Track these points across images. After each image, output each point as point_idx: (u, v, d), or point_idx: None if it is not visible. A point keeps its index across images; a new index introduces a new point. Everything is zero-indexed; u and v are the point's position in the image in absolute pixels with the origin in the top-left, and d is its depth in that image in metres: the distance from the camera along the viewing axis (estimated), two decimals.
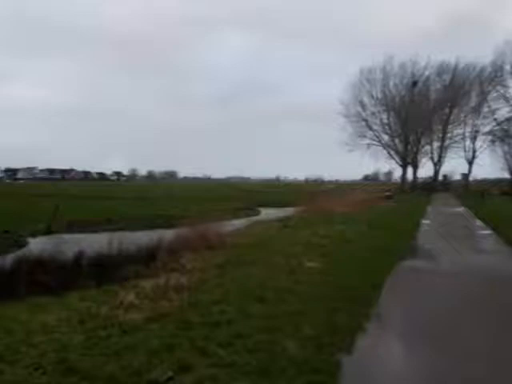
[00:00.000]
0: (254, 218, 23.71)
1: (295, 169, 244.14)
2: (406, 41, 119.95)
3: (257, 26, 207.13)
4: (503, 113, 56.44)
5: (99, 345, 4.61)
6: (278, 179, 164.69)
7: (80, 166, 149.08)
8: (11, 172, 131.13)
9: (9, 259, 9.27)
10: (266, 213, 28.64)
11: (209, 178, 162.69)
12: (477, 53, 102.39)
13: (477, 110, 59.66)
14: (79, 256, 9.15)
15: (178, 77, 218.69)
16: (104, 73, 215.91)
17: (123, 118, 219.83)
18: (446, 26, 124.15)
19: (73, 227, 20.01)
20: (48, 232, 18.47)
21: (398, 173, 75.91)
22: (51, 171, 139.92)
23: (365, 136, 63.81)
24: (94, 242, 11.17)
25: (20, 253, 11.49)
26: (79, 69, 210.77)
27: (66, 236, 16.68)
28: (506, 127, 56.58)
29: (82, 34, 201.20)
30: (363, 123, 63.68)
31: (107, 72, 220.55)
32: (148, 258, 9.50)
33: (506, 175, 62.40)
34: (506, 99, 54.38)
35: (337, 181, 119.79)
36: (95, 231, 19.33)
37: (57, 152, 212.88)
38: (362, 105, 63.43)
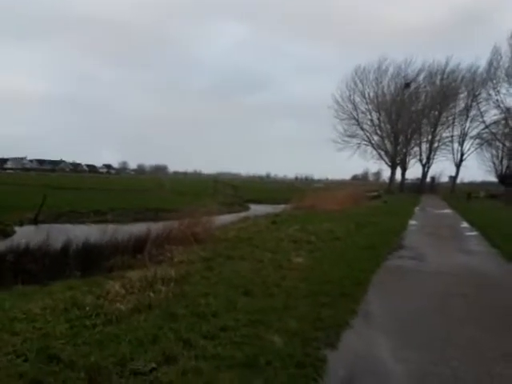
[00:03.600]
0: (244, 214, 23.72)
1: (285, 166, 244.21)
2: (402, 40, 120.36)
3: (249, 19, 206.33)
4: (491, 115, 57.03)
5: (83, 334, 4.57)
6: (268, 176, 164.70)
7: (70, 158, 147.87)
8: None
9: None
10: (256, 209, 28.65)
11: (199, 173, 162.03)
12: (473, 54, 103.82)
13: (465, 113, 60.25)
14: (66, 246, 9.05)
15: (170, 70, 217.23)
16: (94, 64, 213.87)
17: (114, 110, 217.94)
18: (444, 27, 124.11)
19: (61, 217, 19.87)
20: (35, 221, 18.32)
21: (386, 173, 76.63)
22: (41, 162, 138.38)
23: (355, 135, 64.22)
24: (82, 233, 11.10)
25: (6, 241, 11.37)
26: (69, 59, 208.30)
27: (54, 226, 16.54)
28: (494, 130, 57.09)
29: (72, 23, 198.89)
30: (354, 122, 64.05)
31: (97, 63, 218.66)
32: (136, 249, 9.44)
33: (493, 178, 63.25)
34: (496, 102, 54.83)
35: (326, 179, 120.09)
36: (83, 222, 19.23)
37: (47, 143, 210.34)
38: (354, 104, 63.75)
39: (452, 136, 62.54)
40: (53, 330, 4.61)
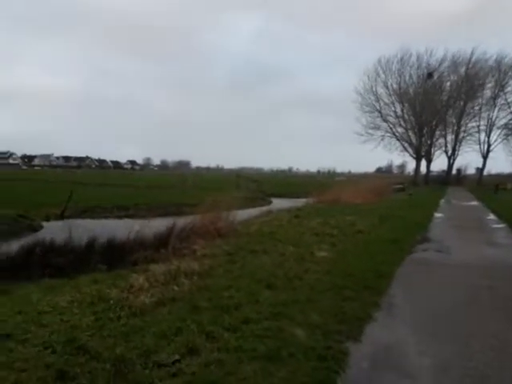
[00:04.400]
0: (266, 208, 23.70)
1: (308, 160, 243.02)
2: (425, 30, 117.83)
3: (270, 11, 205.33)
4: None
5: (108, 326, 4.66)
6: (290, 170, 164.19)
7: (95, 155, 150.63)
8: (27, 159, 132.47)
9: (23, 242, 9.38)
10: (278, 203, 28.59)
11: (221, 168, 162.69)
12: (499, 42, 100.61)
13: (492, 103, 58.66)
14: (91, 240, 9.22)
15: (193, 66, 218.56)
16: (118, 62, 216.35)
17: (138, 106, 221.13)
18: (470, 13, 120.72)
19: (86, 213, 20.22)
20: (62, 217, 18.68)
21: (411, 165, 75.47)
22: (67, 159, 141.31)
23: (379, 128, 63.24)
24: (106, 228, 11.27)
25: (34, 236, 11.63)
26: (95, 57, 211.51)
27: (79, 221, 16.86)
28: None
29: (94, 20, 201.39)
30: (377, 114, 63.06)
31: (121, 60, 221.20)
32: (159, 243, 9.54)
33: None
34: None
35: (349, 172, 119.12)
36: (107, 217, 19.54)
37: (73, 140, 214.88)
38: (377, 96, 62.74)
39: (478, 126, 60.95)
40: (79, 323, 4.72)
